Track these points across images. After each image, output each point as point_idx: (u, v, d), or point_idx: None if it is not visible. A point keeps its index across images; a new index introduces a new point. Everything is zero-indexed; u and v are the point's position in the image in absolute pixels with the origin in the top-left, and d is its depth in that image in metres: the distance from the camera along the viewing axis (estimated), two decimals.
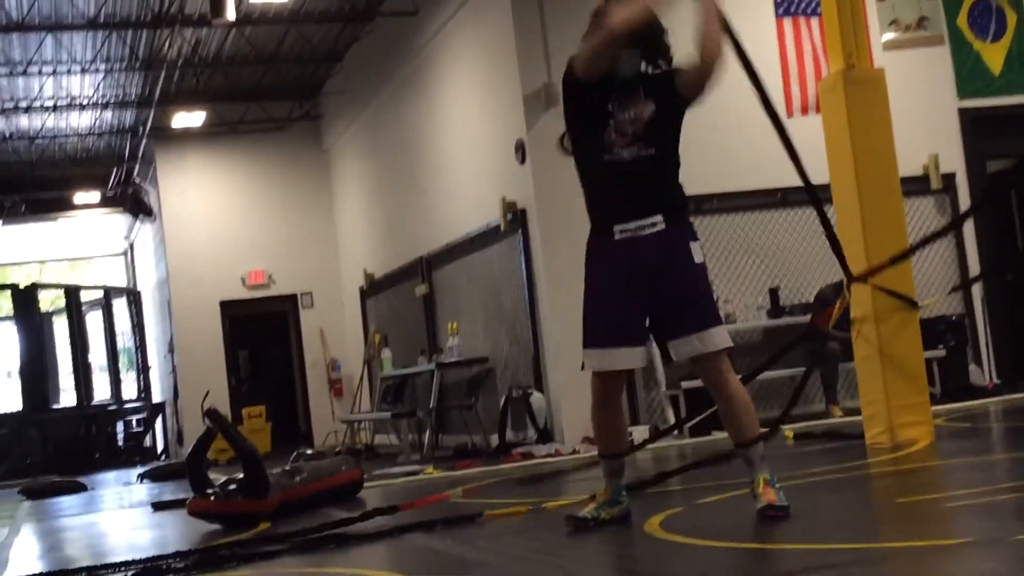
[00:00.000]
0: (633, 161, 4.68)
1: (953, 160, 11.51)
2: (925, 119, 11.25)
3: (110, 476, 14.81)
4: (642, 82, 4.75)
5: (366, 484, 8.03)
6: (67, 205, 21.30)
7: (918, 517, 4.61)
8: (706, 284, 4.76)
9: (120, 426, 19.61)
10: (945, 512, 4.61)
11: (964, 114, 11.64)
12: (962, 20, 11.71)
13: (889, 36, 11.48)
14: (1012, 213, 12.26)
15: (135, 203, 19.51)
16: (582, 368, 4.88)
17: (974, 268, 11.50)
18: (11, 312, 18.89)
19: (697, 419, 8.87)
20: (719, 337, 4.67)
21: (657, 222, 4.67)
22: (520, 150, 10.83)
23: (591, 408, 4.89)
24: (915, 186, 11.03)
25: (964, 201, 11.51)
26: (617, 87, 4.72)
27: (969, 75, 11.69)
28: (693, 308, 4.67)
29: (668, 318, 4.68)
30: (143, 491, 11.16)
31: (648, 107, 4.71)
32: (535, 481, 7.35)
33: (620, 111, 4.69)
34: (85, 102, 16.92)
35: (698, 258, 4.71)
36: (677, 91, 4.75)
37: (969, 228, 11.54)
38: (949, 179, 11.44)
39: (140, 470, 13.63)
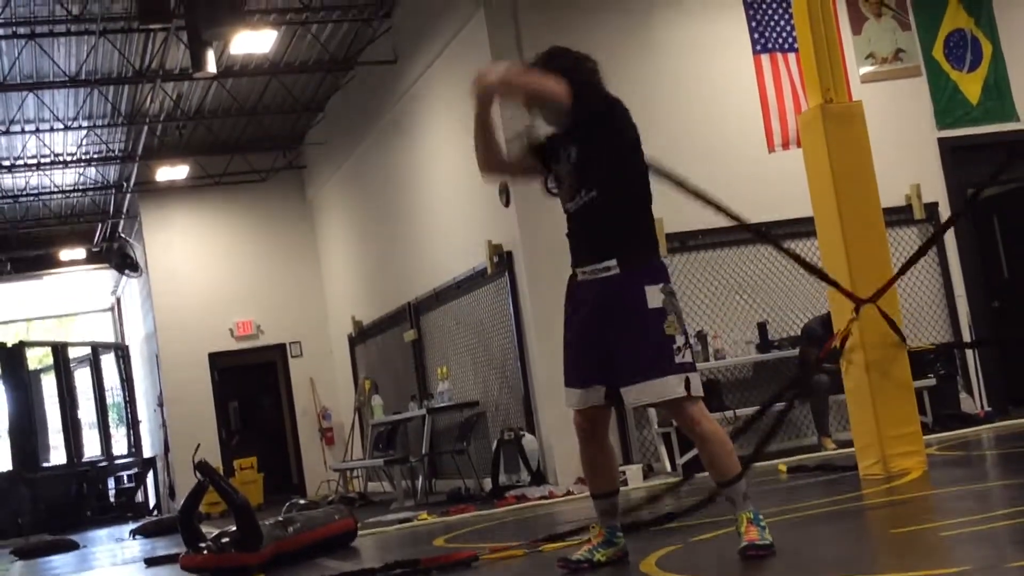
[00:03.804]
0: (579, 210, 4.77)
1: (935, 190, 11.58)
2: (905, 150, 11.33)
3: (102, 533, 14.70)
4: (563, 132, 4.86)
5: (360, 532, 7.98)
6: (53, 262, 21.28)
7: (913, 547, 4.61)
8: (658, 330, 4.58)
9: (111, 482, 19.49)
10: (940, 541, 4.60)
11: (944, 144, 11.73)
12: (938, 51, 11.82)
13: (866, 69, 11.58)
14: (997, 242, 12.33)
15: (121, 258, 19.48)
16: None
17: (960, 295, 11.54)
18: None
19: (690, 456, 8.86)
20: (666, 387, 4.58)
21: (611, 266, 4.67)
22: (504, 192, 10.86)
23: (579, 446, 4.91)
24: (898, 216, 11.10)
25: (949, 231, 11.56)
26: (549, 146, 4.91)
27: (947, 105, 11.79)
28: (643, 355, 4.59)
29: (617, 364, 4.66)
30: (136, 547, 11.07)
31: (571, 154, 4.80)
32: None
33: (556, 166, 4.87)
34: (68, 159, 16.94)
35: (653, 303, 4.60)
36: (575, 119, 4.77)
37: (954, 255, 11.59)
38: (931, 208, 11.51)
39: (132, 526, 13.53)
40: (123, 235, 19.96)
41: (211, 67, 12.05)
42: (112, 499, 19.14)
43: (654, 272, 4.69)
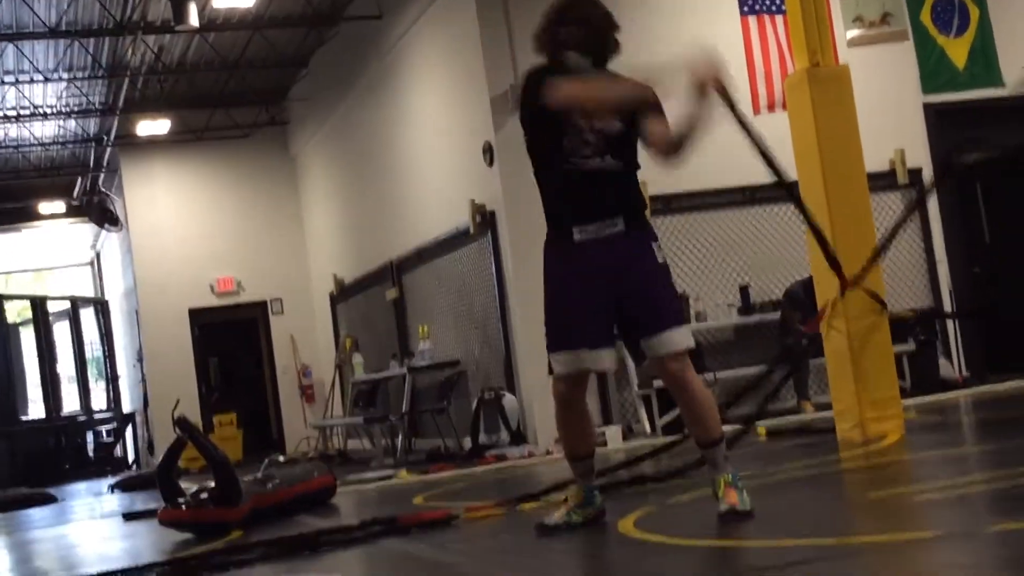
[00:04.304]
0: (598, 171, 4.67)
1: (919, 155, 11.57)
2: (890, 115, 11.31)
3: (80, 487, 14.69)
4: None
5: (339, 489, 7.99)
6: (32, 215, 21.12)
7: (890, 511, 4.63)
8: (668, 284, 4.74)
9: (90, 437, 19.46)
10: (917, 506, 4.62)
11: (929, 109, 11.71)
12: (925, 16, 11.77)
13: (853, 33, 11.53)
14: (979, 207, 12.34)
15: (101, 212, 19.34)
16: (549, 372, 4.83)
17: (941, 261, 11.57)
18: None
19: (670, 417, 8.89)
20: (681, 338, 4.65)
21: (618, 223, 4.66)
22: (488, 152, 10.81)
23: (555, 412, 4.88)
24: (882, 181, 11.08)
25: (931, 196, 11.58)
26: None
27: (933, 70, 11.76)
28: (655, 308, 4.65)
29: (632, 318, 4.67)
30: (114, 501, 11.07)
31: (615, 124, 4.69)
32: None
33: (588, 121, 4.66)
34: (48, 111, 16.77)
35: (659, 258, 4.71)
36: (641, 133, 4.71)
37: (936, 221, 11.61)
38: (915, 174, 11.50)
39: (111, 480, 13.53)
40: (103, 189, 19.82)
41: (193, 20, 11.94)
42: (91, 454, 19.12)
43: (652, 231, 4.80)
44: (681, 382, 4.67)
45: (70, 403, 19.54)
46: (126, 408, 20.20)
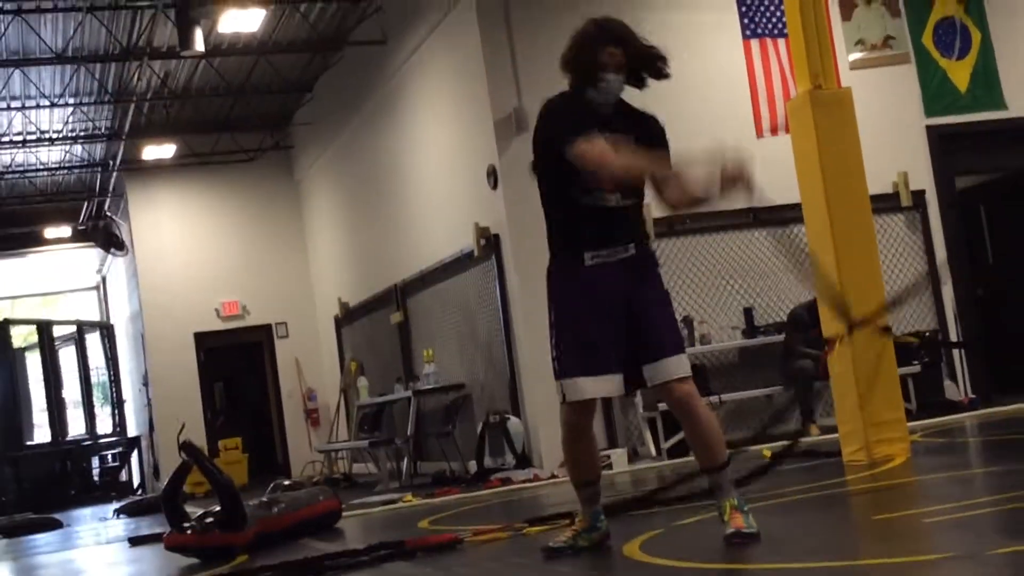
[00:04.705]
0: (615, 207, 4.71)
1: (922, 177, 11.59)
2: (893, 137, 11.33)
3: (86, 512, 14.68)
4: (630, 130, 4.77)
5: (344, 514, 7.99)
6: (38, 240, 21.17)
7: (896, 534, 4.62)
8: (671, 311, 4.84)
9: (95, 461, 19.45)
10: (923, 528, 4.62)
11: (932, 131, 11.73)
12: (927, 39, 11.82)
13: (856, 56, 11.57)
14: (983, 230, 12.36)
15: (107, 237, 19.40)
16: (562, 401, 4.73)
17: (945, 283, 11.57)
18: None
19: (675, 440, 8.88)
20: (680, 366, 4.68)
21: (629, 248, 4.73)
22: (492, 175, 10.84)
23: (562, 438, 4.83)
24: (885, 203, 11.10)
25: (934, 217, 11.61)
26: (603, 126, 4.68)
27: (936, 93, 11.79)
28: (660, 335, 4.68)
29: (642, 340, 4.67)
30: (120, 526, 11.06)
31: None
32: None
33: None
34: (55, 136, 16.83)
35: (664, 284, 4.85)
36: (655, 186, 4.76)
37: (940, 243, 11.62)
38: (919, 196, 11.52)
39: (116, 505, 13.52)
40: (109, 214, 19.87)
41: (199, 45, 11.99)
42: (96, 478, 19.11)
43: (654, 257, 4.90)
44: (687, 407, 4.67)
45: (76, 427, 19.54)
46: (131, 432, 20.19)
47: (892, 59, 11.72)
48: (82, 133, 16.91)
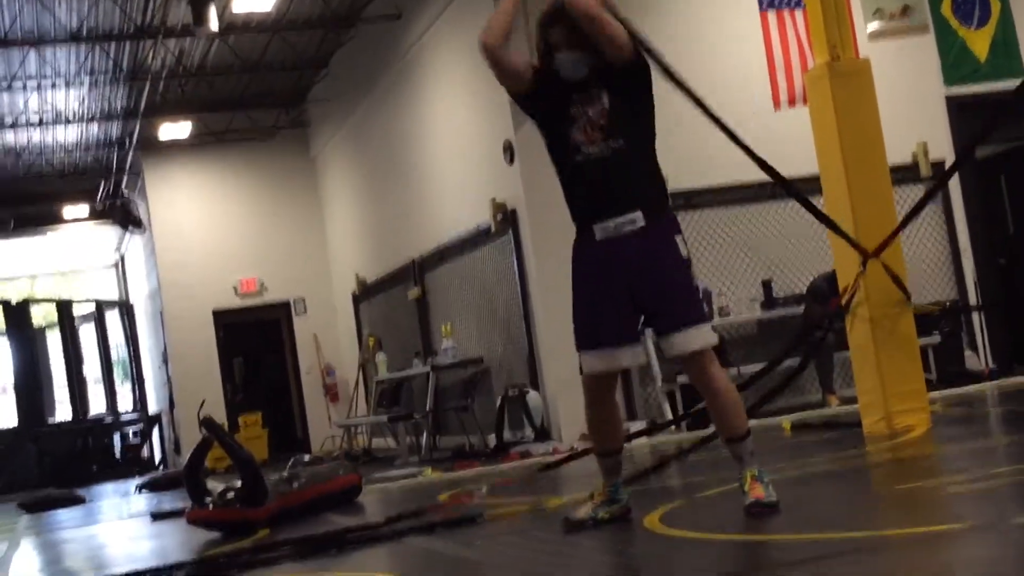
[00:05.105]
0: (603, 157, 4.65)
1: (942, 147, 11.52)
2: (912, 107, 11.26)
3: (108, 488, 14.78)
4: (594, 76, 4.71)
5: (364, 488, 8.02)
6: (56, 219, 21.25)
7: (916, 504, 4.62)
8: (685, 282, 4.66)
9: (117, 438, 19.58)
10: (943, 498, 4.61)
11: (951, 101, 11.66)
12: (946, 8, 11.72)
13: (874, 26, 11.49)
14: (1003, 199, 12.28)
15: (124, 215, 19.47)
16: (581, 372, 4.81)
17: (966, 253, 11.53)
18: (4, 328, 18.85)
19: (694, 411, 8.88)
20: (703, 335, 4.62)
21: (636, 219, 4.62)
22: (508, 150, 10.82)
23: (585, 409, 4.88)
24: (904, 174, 11.03)
25: (954, 187, 11.54)
26: (574, 87, 4.71)
27: (955, 62, 11.71)
28: (677, 305, 4.63)
29: (654, 315, 4.66)
30: (141, 502, 11.14)
31: (603, 99, 4.68)
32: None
33: (582, 109, 4.68)
34: (71, 116, 16.87)
35: (683, 253, 4.66)
36: (613, 66, 4.66)
37: (960, 212, 11.56)
38: (938, 166, 11.45)
39: (138, 481, 13.60)
40: (126, 192, 19.93)
41: (213, 24, 11.98)
42: (118, 455, 19.24)
43: (675, 223, 4.75)
44: (704, 379, 4.67)
45: (97, 405, 19.67)
46: (152, 409, 20.31)
47: (910, 29, 11.63)
48: (98, 112, 16.94)
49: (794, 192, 7.00)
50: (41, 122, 16.88)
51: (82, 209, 20.99)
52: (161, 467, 18.86)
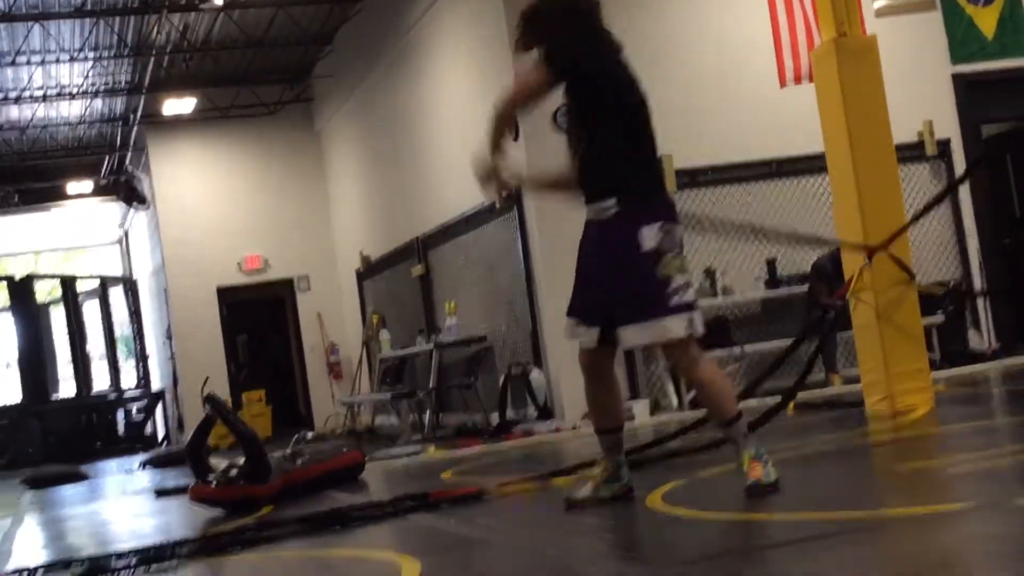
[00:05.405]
0: (582, 150, 4.79)
1: (948, 126, 11.48)
2: (919, 85, 11.21)
3: (112, 464, 14.82)
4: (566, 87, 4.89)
5: (368, 466, 8.02)
6: (60, 195, 21.25)
7: (919, 484, 4.62)
8: (648, 273, 4.57)
9: (120, 414, 19.62)
10: (946, 478, 4.61)
11: (958, 79, 11.60)
12: None
13: (881, 3, 11.40)
14: (1009, 179, 12.23)
15: (128, 191, 19.46)
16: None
17: (971, 233, 11.49)
18: (7, 303, 18.87)
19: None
20: (665, 328, 4.56)
21: (610, 206, 4.67)
22: (513, 127, 10.76)
23: (584, 384, 4.91)
24: (910, 152, 11.01)
25: (959, 166, 11.49)
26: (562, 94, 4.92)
27: (962, 40, 11.63)
28: (635, 297, 4.61)
29: (615, 305, 4.66)
30: (145, 479, 11.16)
31: (571, 104, 4.88)
32: None
33: (564, 107, 4.92)
34: (75, 91, 16.84)
35: (648, 245, 4.56)
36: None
37: (966, 194, 11.52)
38: (944, 145, 11.41)
39: (141, 458, 13.63)
40: (130, 168, 19.91)
41: None
42: (121, 431, 19.28)
43: (653, 211, 4.65)
44: (685, 369, 4.78)
45: (100, 381, 19.69)
46: (156, 386, 20.34)
47: (918, 6, 11.54)
48: (102, 87, 16.92)
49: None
50: (45, 97, 16.86)
51: (86, 185, 20.98)
52: (165, 444, 18.90)
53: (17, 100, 16.76)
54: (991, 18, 11.67)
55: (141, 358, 20.48)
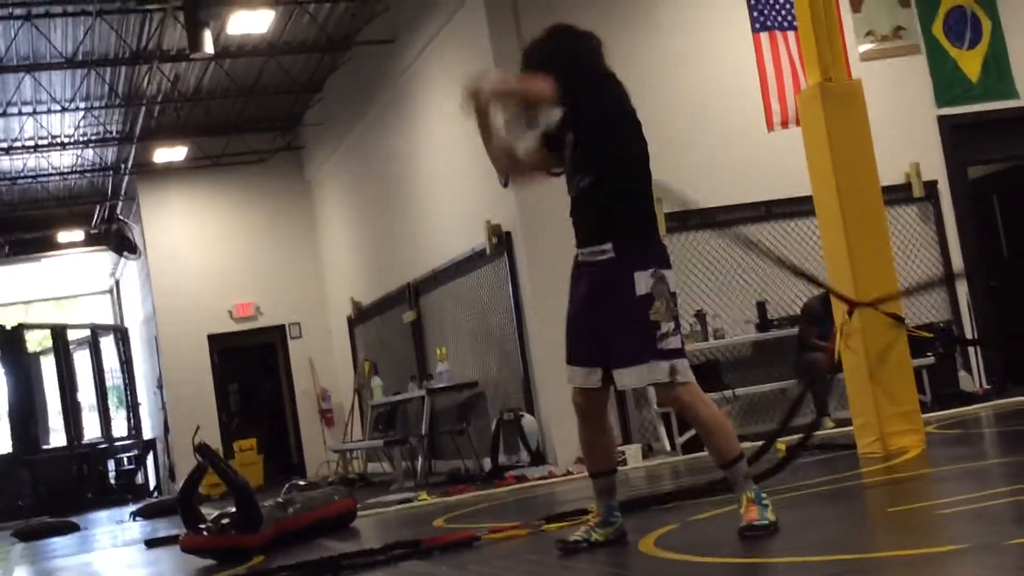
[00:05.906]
0: (581, 192, 4.81)
1: (934, 168, 11.56)
2: (905, 128, 11.30)
3: (103, 515, 14.73)
4: (565, 122, 4.86)
5: (360, 513, 7.99)
6: (51, 245, 21.25)
7: (911, 525, 4.61)
8: (641, 317, 4.61)
9: (111, 464, 19.51)
10: (938, 519, 4.60)
11: (943, 121, 11.69)
12: (938, 28, 11.77)
13: (866, 47, 11.53)
14: (996, 220, 12.30)
15: (119, 240, 19.45)
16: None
17: (959, 276, 11.53)
18: None
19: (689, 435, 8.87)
20: (655, 372, 4.61)
21: (607, 250, 4.70)
22: (504, 173, 10.81)
23: (577, 424, 4.91)
24: (897, 194, 11.08)
25: (947, 208, 11.57)
26: (562, 134, 4.89)
27: (947, 83, 11.75)
28: (629, 340, 4.64)
29: (608, 348, 4.70)
30: (136, 529, 11.10)
31: (569, 138, 4.83)
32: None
33: (567, 150, 4.86)
34: (66, 141, 16.90)
35: (642, 289, 4.61)
36: (574, 110, 4.81)
37: (953, 234, 11.58)
38: (931, 186, 11.49)
39: (132, 508, 13.56)
40: (121, 217, 19.93)
41: (208, 48, 12.02)
42: (112, 481, 19.17)
43: (647, 257, 4.69)
44: (683, 411, 4.77)
45: (91, 431, 19.59)
46: (147, 435, 20.25)
47: (902, 50, 11.67)
48: (93, 137, 16.97)
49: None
50: (36, 147, 16.90)
51: (77, 234, 20.99)
52: (156, 493, 18.78)
53: (8, 151, 16.81)
54: (975, 61, 11.80)
55: (132, 407, 20.40)
